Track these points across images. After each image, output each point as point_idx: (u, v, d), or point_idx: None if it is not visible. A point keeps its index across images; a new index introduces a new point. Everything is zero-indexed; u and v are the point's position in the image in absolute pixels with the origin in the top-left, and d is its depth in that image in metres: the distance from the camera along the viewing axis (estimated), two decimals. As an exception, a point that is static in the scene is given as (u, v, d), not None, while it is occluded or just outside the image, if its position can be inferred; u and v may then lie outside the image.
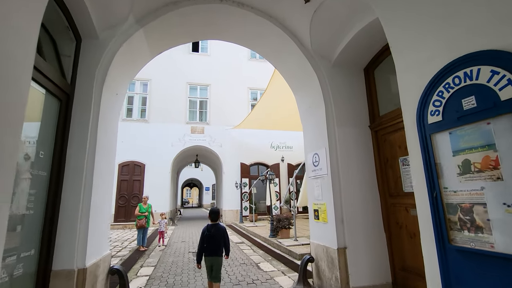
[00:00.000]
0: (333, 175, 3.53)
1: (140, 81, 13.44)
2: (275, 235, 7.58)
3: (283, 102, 10.26)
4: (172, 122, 13.27)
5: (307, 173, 4.29)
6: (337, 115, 3.72)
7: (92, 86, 3.11)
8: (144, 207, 7.08)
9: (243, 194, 13.04)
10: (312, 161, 4.04)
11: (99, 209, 3.17)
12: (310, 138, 4.18)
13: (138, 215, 6.91)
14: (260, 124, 12.66)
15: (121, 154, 12.11)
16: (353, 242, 3.37)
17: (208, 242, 3.35)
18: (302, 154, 15.18)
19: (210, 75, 14.36)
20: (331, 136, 3.66)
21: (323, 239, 3.66)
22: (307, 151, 4.27)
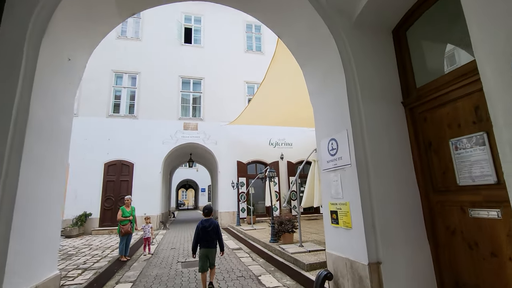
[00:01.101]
0: (359, 165, 2.66)
1: (128, 74, 12.49)
2: (276, 240, 6.69)
3: (282, 95, 9.42)
4: (163, 118, 12.33)
5: (320, 164, 3.42)
6: (362, 89, 2.85)
7: (24, 38, 2.20)
8: (128, 210, 6.15)
9: (240, 194, 12.13)
10: (327, 149, 3.17)
11: (36, 214, 2.26)
12: (324, 120, 3.31)
13: (121, 220, 5.97)
14: (257, 119, 11.80)
15: (107, 153, 11.18)
16: (389, 255, 2.49)
17: (203, 235, 3.75)
18: (302, 152, 14.37)
19: (203, 68, 13.46)
20: (355, 116, 2.80)
21: (346, 250, 2.78)
22: (320, 137, 3.40)
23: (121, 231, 5.90)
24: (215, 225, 3.86)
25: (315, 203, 6.03)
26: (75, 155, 10.92)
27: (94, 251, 7.08)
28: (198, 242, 3.80)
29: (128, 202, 6.34)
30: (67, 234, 9.47)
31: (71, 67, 2.96)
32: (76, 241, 8.72)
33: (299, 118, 11.73)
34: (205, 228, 3.77)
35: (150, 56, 12.87)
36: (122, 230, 5.91)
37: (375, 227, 2.53)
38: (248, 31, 14.74)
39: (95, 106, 11.69)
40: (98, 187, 10.90)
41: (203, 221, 3.87)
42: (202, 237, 3.75)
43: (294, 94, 9.34)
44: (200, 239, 3.76)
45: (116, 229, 6.49)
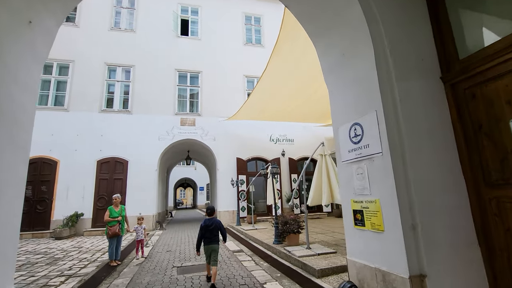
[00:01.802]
0: (393, 153, 2.15)
1: (121, 67, 11.89)
2: (280, 241, 6.18)
3: (283, 89, 8.90)
4: (159, 113, 11.76)
5: (338, 156, 2.90)
6: (395, 61, 2.35)
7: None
8: (116, 211, 5.61)
9: (240, 192, 11.62)
10: (348, 136, 2.65)
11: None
12: (343, 103, 2.79)
13: (108, 221, 5.44)
14: (257, 114, 11.27)
15: (99, 150, 10.63)
16: (435, 265, 1.98)
17: (205, 232, 4.06)
18: (304, 148, 13.85)
19: (201, 61, 12.89)
20: (387, 94, 2.29)
21: (376, 258, 2.27)
22: (337, 123, 2.88)
23: (109, 233, 5.37)
24: (217, 223, 4.16)
25: (323, 201, 5.52)
26: (65, 152, 10.37)
27: (83, 254, 6.54)
28: (201, 240, 4.12)
29: (116, 201, 5.79)
30: (57, 236, 8.91)
31: (35, 34, 2.41)
32: (66, 243, 8.17)
33: (301, 113, 11.23)
34: (207, 227, 4.10)
35: (145, 48, 12.29)
36: (109, 232, 5.37)
37: (416, 229, 2.02)
38: (247, 23, 14.18)
39: (87, 100, 11.11)
40: (91, 185, 10.34)
41: (206, 220, 4.19)
42: (205, 235, 4.09)
43: (296, 87, 8.83)
44: (204, 236, 4.10)
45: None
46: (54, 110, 10.77)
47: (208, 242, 4.06)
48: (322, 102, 10.01)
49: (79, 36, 11.64)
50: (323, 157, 5.90)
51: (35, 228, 9.55)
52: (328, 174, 5.73)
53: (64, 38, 11.45)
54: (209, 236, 4.07)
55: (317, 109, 10.79)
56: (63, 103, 10.98)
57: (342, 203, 2.79)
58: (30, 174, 9.89)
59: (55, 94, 11.23)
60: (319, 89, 8.79)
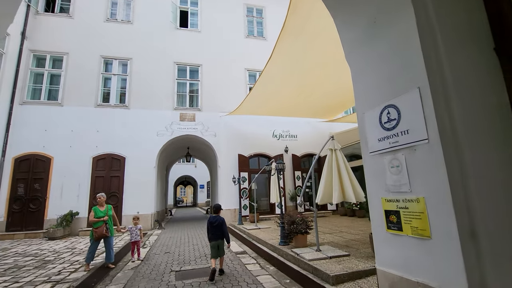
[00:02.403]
0: (445, 141, 1.70)
1: (118, 60, 11.41)
2: (287, 242, 5.76)
3: (286, 83, 8.44)
4: (158, 108, 11.31)
5: (364, 146, 2.45)
6: (441, 28, 1.88)
7: None
8: (102, 210, 5.16)
9: (242, 190, 11.19)
10: (379, 122, 2.21)
11: None
12: (371, 82, 2.34)
13: (94, 222, 5.00)
14: (259, 109, 10.82)
15: (95, 146, 10.20)
16: (503, 281, 1.54)
17: (211, 229, 4.42)
18: (308, 144, 13.36)
19: (201, 54, 12.41)
20: (432, 67, 1.83)
21: (419, 271, 1.83)
22: (363, 108, 2.43)
23: (94, 235, 4.91)
24: (220, 221, 4.48)
25: (334, 199, 5.08)
26: (60, 148, 9.94)
27: (76, 256, 6.12)
28: (209, 235, 4.49)
29: (101, 201, 5.32)
30: (51, 236, 8.49)
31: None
32: (59, 244, 7.75)
33: (304, 108, 10.78)
34: (212, 224, 4.45)
35: (143, 41, 11.81)
36: (95, 234, 4.91)
37: (477, 237, 1.58)
38: (249, 15, 13.67)
39: (82, 95, 10.65)
40: (86, 183, 9.91)
41: (211, 217, 4.54)
42: (211, 231, 4.45)
43: (299, 82, 8.37)
44: (210, 232, 4.46)
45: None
46: (48, 104, 10.31)
47: (214, 238, 4.37)
48: (327, 97, 9.56)
49: (74, 28, 11.16)
50: (333, 152, 5.45)
51: (28, 227, 9.13)
52: (339, 170, 5.29)
53: (57, 29, 11.00)
54: (214, 232, 4.41)
55: (322, 104, 10.34)
56: (57, 98, 10.52)
57: (369, 202, 2.35)
58: (23, 172, 9.48)
59: (49, 88, 10.76)
60: (324, 83, 8.34)
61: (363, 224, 8.64)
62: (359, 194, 5.15)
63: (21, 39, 10.27)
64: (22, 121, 9.85)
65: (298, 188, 12.05)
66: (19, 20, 10.16)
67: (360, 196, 5.14)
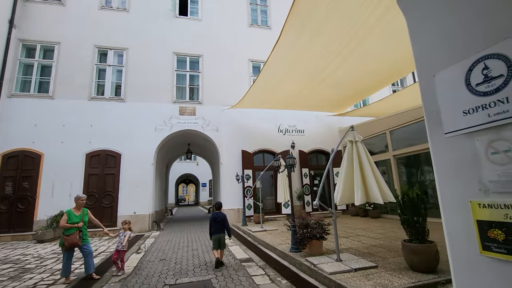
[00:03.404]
0: None
1: (113, 50, 10.69)
2: (299, 248, 5.00)
3: (292, 73, 7.65)
4: (156, 101, 10.59)
5: (435, 123, 1.67)
6: None
7: None
8: (77, 215, 4.40)
9: (246, 189, 10.45)
10: (464, 84, 1.42)
11: None
12: (448, 27, 1.55)
13: (65, 228, 4.23)
14: (264, 102, 10.04)
15: (89, 142, 9.52)
16: None
17: (214, 224, 4.94)
18: (317, 139, 12.48)
19: (202, 44, 11.65)
20: None
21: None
22: (432, 67, 1.65)
23: (64, 244, 4.11)
24: (222, 217, 4.99)
25: (356, 200, 4.31)
26: (51, 144, 9.26)
27: (60, 263, 5.41)
28: (211, 230, 4.94)
29: (80, 203, 4.49)
30: (39, 239, 7.83)
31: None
32: (47, 248, 7.08)
33: (312, 100, 9.96)
34: (215, 219, 4.93)
35: (140, 29, 11.07)
36: (65, 242, 4.11)
37: None
38: (253, 2, 12.86)
39: (75, 87, 9.95)
40: (79, 182, 9.22)
41: (214, 213, 5.02)
42: (214, 226, 4.91)
43: (307, 71, 7.58)
44: (213, 227, 4.92)
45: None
46: (38, 97, 9.62)
47: (216, 232, 4.88)
48: (338, 88, 8.73)
49: (66, 16, 10.45)
50: (353, 144, 4.69)
51: (16, 229, 8.48)
52: (362, 166, 4.52)
53: (48, 18, 10.30)
54: (217, 226, 4.90)
55: (332, 96, 9.53)
56: (47, 90, 9.83)
57: (443, 209, 1.58)
58: (11, 169, 8.82)
59: (39, 80, 10.08)
60: (334, 73, 7.54)
61: (380, 225, 7.87)
62: (386, 194, 4.38)
63: (9, 27, 9.57)
64: (10, 115, 9.18)
65: (306, 187, 11.29)
66: (6, 7, 9.47)
67: (388, 196, 4.36)
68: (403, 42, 5.54)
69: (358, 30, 5.31)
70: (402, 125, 9.14)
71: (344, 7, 4.79)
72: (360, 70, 7.25)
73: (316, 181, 11.92)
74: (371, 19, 4.99)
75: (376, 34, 5.51)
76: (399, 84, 14.67)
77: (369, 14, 4.85)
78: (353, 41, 5.80)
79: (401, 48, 5.95)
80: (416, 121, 8.55)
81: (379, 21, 5.03)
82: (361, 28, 5.27)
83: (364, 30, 5.33)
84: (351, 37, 5.63)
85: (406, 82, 14.52)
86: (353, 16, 4.95)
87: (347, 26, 5.28)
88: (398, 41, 5.71)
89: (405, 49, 5.86)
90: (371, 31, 5.36)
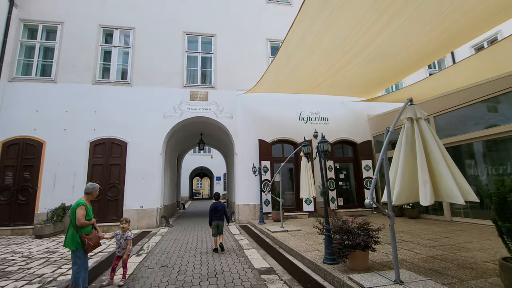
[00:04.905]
0: None
1: (119, 29, 9.82)
2: (336, 260, 3.84)
3: (315, 51, 6.37)
4: (164, 86, 9.65)
5: None
6: None
7: None
8: (90, 208, 3.51)
9: (264, 182, 9.35)
10: None
11: None
12: None
13: (85, 225, 3.29)
14: (283, 86, 8.83)
15: (93, 129, 8.77)
16: None
17: (215, 213, 5.46)
18: (342, 129, 10.78)
19: (214, 22, 10.54)
20: None
21: None
22: None
23: (89, 245, 3.23)
24: (222, 206, 5.58)
25: (423, 198, 3.07)
26: (53, 131, 8.57)
27: (47, 266, 4.58)
28: (212, 218, 5.49)
29: (94, 195, 3.67)
30: (38, 233, 7.15)
31: None
32: (42, 245, 6.35)
33: (338, 82, 8.58)
34: (216, 208, 5.51)
35: (147, 7, 10.13)
36: (89, 242, 3.23)
37: None
38: (271, -24, 11.54)
39: (79, 70, 9.18)
40: (82, 172, 8.50)
41: (214, 203, 5.63)
42: (214, 214, 5.49)
43: (333, 48, 6.26)
44: (213, 215, 5.49)
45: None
46: (40, 81, 8.94)
47: (216, 219, 5.40)
48: (370, 67, 7.37)
49: (69, -7, 9.65)
50: (414, 123, 3.42)
51: (16, 222, 7.88)
52: (428, 152, 3.27)
53: (51, -5, 9.55)
54: (218, 215, 5.42)
55: (362, 77, 8.14)
56: (50, 73, 9.12)
57: None
58: (11, 158, 8.20)
59: (41, 62, 9.40)
60: (366, 48, 6.19)
61: (424, 228, 6.53)
62: (466, 191, 3.10)
63: (9, 6, 8.89)
64: (11, 100, 8.56)
65: (330, 181, 10.03)
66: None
67: (467, 194, 3.09)
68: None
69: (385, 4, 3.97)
70: (452, 108, 7.64)
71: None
72: (409, 37, 5.83)
73: (342, 175, 10.62)
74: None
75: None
76: (436, 67, 12.91)
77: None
78: (380, 12, 4.49)
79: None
80: (473, 102, 7.04)
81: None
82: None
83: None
84: (381, 8, 4.33)
85: (445, 63, 12.74)
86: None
87: None
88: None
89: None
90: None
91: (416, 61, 7.21)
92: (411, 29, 5.46)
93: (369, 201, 2.79)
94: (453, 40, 6.22)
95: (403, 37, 5.80)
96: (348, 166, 10.95)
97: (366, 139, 10.79)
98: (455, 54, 12.53)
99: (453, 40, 6.17)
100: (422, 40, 5.91)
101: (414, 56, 6.85)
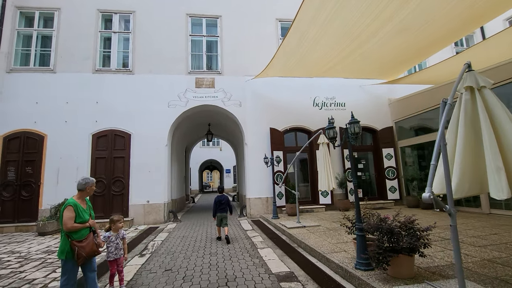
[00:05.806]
0: None
1: (119, 14, 9.20)
2: (370, 265, 3.17)
3: (329, 30, 5.53)
4: (168, 73, 9.03)
5: None
6: None
7: None
8: (85, 208, 2.86)
9: (277, 174, 8.70)
10: None
11: None
12: None
13: (75, 230, 2.64)
14: (295, 69, 8.03)
15: (95, 121, 8.30)
16: None
17: (219, 205, 5.69)
18: (360, 115, 8.81)
19: (220, 2, 9.76)
20: None
21: None
22: None
23: (80, 255, 2.57)
24: (226, 198, 5.79)
25: (494, 189, 2.33)
26: (54, 124, 8.14)
27: (42, 269, 4.13)
28: (216, 210, 5.70)
29: (90, 191, 2.99)
30: (40, 231, 6.80)
31: None
32: (44, 243, 5.96)
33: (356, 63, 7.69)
34: (220, 201, 5.72)
35: (148, -11, 9.43)
36: (80, 252, 2.57)
37: None
38: (279, -51, 10.56)
39: (78, 59, 8.67)
40: (85, 166, 8.07)
41: (218, 196, 5.83)
42: (218, 207, 5.70)
43: (353, 21, 5.41)
44: (217, 208, 5.69)
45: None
46: (38, 71, 8.49)
47: (220, 212, 5.69)
48: (391, 44, 6.45)
49: (65, -23, 9.06)
50: (475, 93, 2.65)
51: (20, 219, 7.58)
52: (498, 130, 2.50)
53: (46, -20, 8.98)
54: (222, 207, 5.71)
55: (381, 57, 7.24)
56: (48, 63, 8.65)
57: None
58: (12, 152, 7.84)
59: (40, 52, 8.93)
60: (389, 21, 5.31)
61: (462, 223, 5.74)
62: (554, 178, 2.34)
63: (3, -8, 8.39)
64: (9, 92, 8.16)
65: (348, 171, 9.27)
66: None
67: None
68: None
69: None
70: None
71: None
72: (435, 10, 4.92)
73: (360, 165, 9.84)
74: None
75: None
76: (464, 44, 11.74)
77: None
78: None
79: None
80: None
81: None
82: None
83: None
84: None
85: (474, 40, 11.55)
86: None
87: None
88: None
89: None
90: None
91: (441, 37, 6.27)
92: (437, 1, 4.58)
93: (429, 195, 2.08)
94: (482, 13, 5.26)
95: (428, 10, 4.91)
96: (367, 155, 10.13)
97: (387, 126, 9.91)
98: (485, 29, 11.32)
99: (482, 13, 5.21)
100: (450, 14, 5.00)
101: (439, 32, 5.92)
